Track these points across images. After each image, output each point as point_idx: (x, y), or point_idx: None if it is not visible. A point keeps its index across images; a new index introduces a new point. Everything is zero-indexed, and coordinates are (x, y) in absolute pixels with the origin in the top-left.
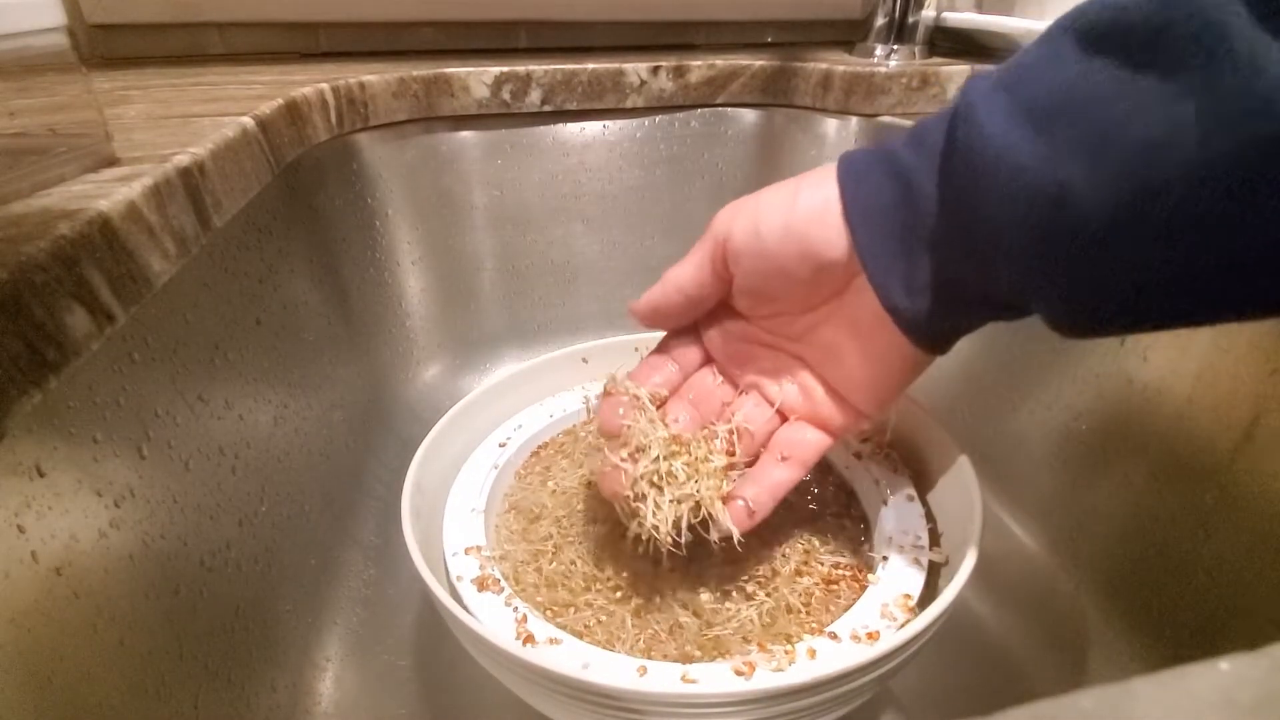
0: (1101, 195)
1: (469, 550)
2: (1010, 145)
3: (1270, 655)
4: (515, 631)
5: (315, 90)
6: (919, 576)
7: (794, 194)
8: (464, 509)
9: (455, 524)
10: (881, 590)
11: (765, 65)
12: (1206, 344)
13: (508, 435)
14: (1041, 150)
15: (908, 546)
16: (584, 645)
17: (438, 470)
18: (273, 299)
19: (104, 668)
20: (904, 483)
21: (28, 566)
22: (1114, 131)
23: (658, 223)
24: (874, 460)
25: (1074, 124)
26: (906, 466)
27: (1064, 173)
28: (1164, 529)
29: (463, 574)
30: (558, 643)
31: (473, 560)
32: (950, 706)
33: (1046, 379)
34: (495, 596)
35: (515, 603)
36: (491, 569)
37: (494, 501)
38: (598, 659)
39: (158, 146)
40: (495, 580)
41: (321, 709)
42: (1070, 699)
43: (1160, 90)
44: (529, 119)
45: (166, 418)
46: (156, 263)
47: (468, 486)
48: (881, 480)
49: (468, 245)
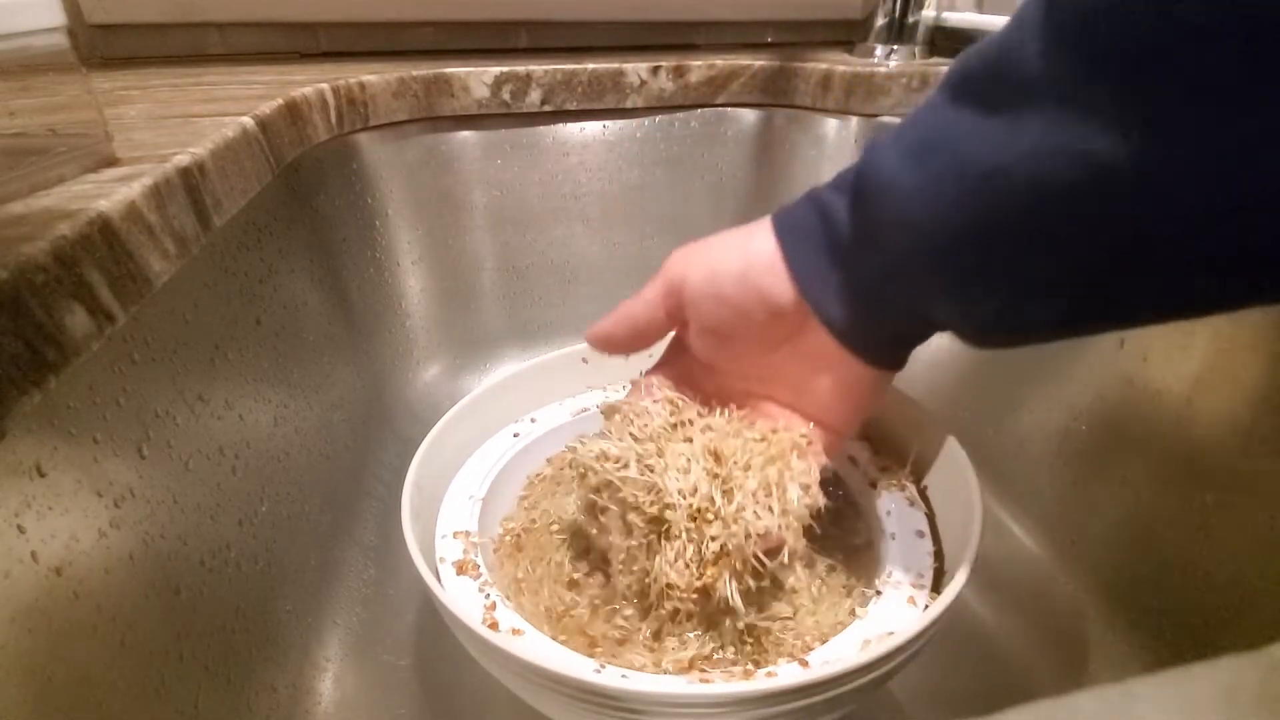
0: (963, 215)
1: (457, 534)
2: (895, 176)
3: (1270, 655)
4: (482, 617)
5: (315, 90)
6: (910, 614)
7: (746, 241)
8: (463, 494)
9: (451, 507)
10: (867, 625)
11: (765, 65)
12: (1206, 344)
13: (520, 429)
14: (918, 180)
15: (904, 584)
16: (543, 639)
17: (437, 470)
18: (273, 299)
19: (104, 668)
20: (919, 518)
21: (28, 566)
22: (969, 163)
23: (658, 223)
24: (890, 490)
25: (941, 157)
26: (923, 499)
27: (932, 196)
28: (1164, 529)
29: (445, 556)
30: (520, 633)
31: (458, 544)
32: (950, 706)
33: (1046, 379)
34: (471, 581)
35: (489, 590)
36: (474, 555)
37: (500, 492)
38: (554, 655)
39: (158, 146)
40: (475, 565)
41: (321, 709)
42: (1070, 699)
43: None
44: (529, 119)
45: (166, 418)
46: (156, 263)
47: (473, 474)
48: (894, 511)
49: (468, 245)
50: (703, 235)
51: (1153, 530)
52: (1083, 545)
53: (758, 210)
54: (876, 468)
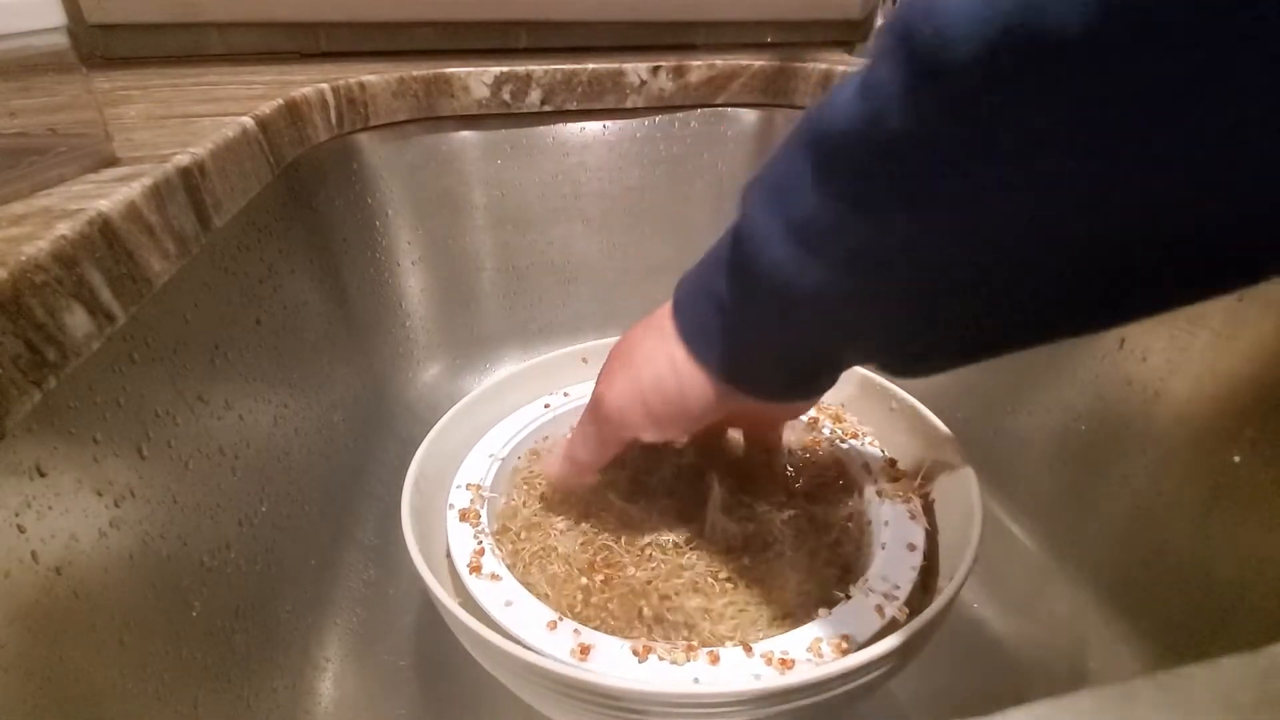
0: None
1: (469, 486)
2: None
3: (1270, 655)
4: (469, 560)
5: (315, 90)
6: (872, 623)
7: (672, 365)
8: (483, 453)
9: (470, 463)
10: (822, 626)
11: (765, 65)
12: (1206, 345)
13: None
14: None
15: (876, 593)
16: (517, 588)
17: (437, 470)
18: (273, 299)
19: (104, 668)
20: (916, 531)
21: (28, 566)
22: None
23: (658, 223)
24: (894, 501)
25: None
26: (927, 514)
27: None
28: (1163, 529)
29: (454, 503)
30: (498, 579)
31: (468, 495)
32: (950, 707)
33: (1046, 380)
34: (470, 528)
35: (481, 538)
36: (479, 506)
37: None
38: (522, 602)
39: (158, 146)
40: (476, 515)
41: (321, 709)
42: (1070, 699)
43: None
44: (529, 119)
45: (166, 418)
46: (156, 263)
47: (499, 437)
48: (892, 522)
49: (468, 245)
50: (703, 235)
51: (1152, 530)
52: (1083, 545)
53: None
54: (887, 478)
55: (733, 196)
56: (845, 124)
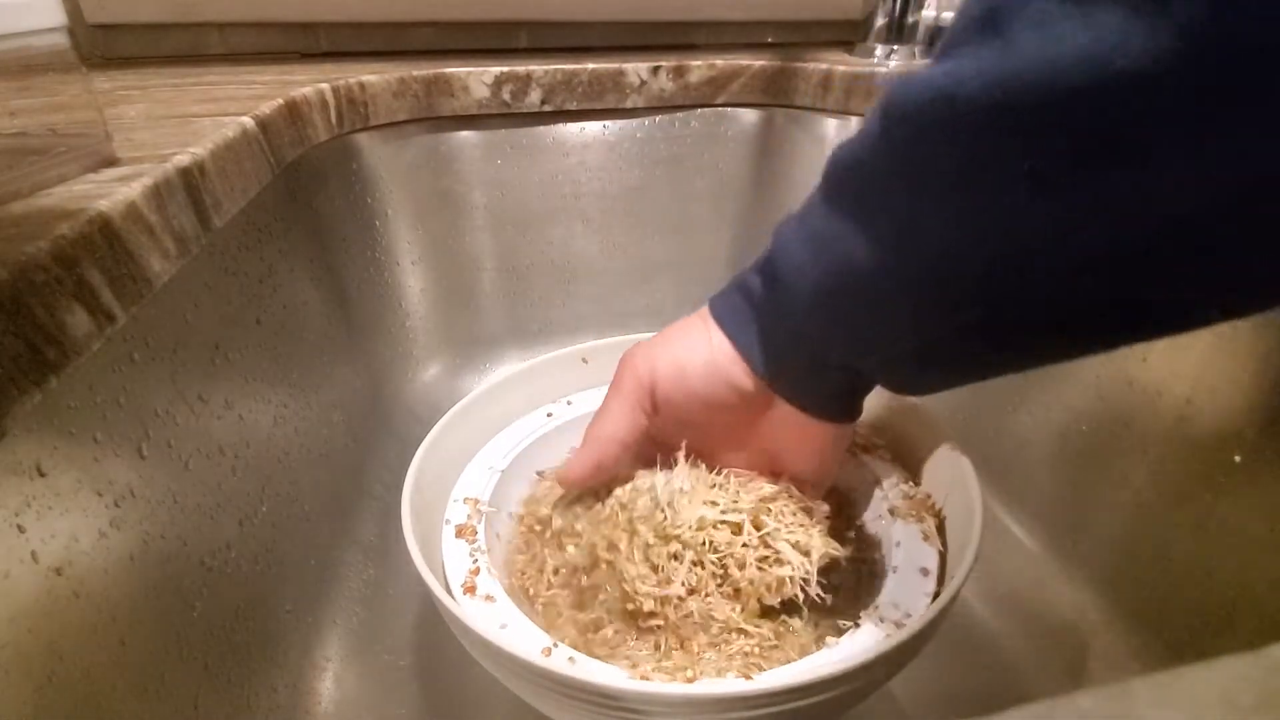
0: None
1: (468, 500)
2: (797, 265)
3: (1270, 655)
4: (464, 581)
5: (315, 90)
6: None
7: (706, 335)
8: (483, 465)
9: (469, 476)
10: (829, 656)
11: (765, 65)
12: (1207, 344)
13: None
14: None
15: (888, 621)
16: (513, 610)
17: (437, 470)
18: (273, 299)
19: (104, 668)
20: (929, 554)
21: (28, 566)
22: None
23: (658, 223)
24: (907, 521)
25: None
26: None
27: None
28: (1163, 529)
29: (450, 519)
30: (492, 600)
31: (465, 509)
32: (950, 706)
33: (1047, 380)
34: (466, 545)
35: (478, 556)
36: (476, 522)
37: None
38: (517, 625)
39: (158, 146)
40: (474, 531)
41: (321, 709)
42: (1070, 699)
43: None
44: (529, 119)
45: (166, 418)
46: (156, 263)
47: (499, 449)
48: (904, 543)
49: (468, 245)
50: (703, 235)
51: (1152, 530)
52: (1083, 545)
53: (758, 210)
54: (900, 495)
55: (733, 196)
56: (847, 154)
